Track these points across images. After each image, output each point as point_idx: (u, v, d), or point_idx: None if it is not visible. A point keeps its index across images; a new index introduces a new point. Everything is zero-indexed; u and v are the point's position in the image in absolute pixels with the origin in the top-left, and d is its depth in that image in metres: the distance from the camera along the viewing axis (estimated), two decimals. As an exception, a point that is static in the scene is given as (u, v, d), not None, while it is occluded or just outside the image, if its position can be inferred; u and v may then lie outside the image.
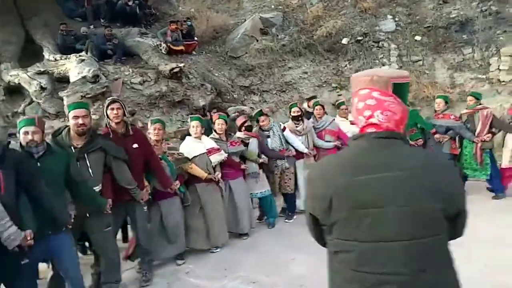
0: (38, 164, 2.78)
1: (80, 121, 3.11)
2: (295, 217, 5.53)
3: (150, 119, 4.41)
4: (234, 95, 9.62)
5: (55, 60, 8.56)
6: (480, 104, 5.81)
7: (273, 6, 12.06)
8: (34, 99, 8.14)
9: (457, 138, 5.95)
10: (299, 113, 5.55)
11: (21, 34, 9.27)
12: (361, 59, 9.94)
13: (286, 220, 5.49)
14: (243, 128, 5.19)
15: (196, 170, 4.34)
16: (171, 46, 9.09)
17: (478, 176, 5.70)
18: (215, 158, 4.50)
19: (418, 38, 9.78)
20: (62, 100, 7.43)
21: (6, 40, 8.96)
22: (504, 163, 5.64)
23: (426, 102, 8.76)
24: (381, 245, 1.06)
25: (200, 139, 4.55)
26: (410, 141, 5.74)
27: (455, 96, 8.47)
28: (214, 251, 4.51)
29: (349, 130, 5.79)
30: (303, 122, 5.54)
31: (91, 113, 7.42)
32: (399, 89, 1.21)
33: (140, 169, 3.73)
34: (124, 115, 3.62)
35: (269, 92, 10.40)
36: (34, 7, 9.44)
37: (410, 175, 1.08)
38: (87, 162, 3.19)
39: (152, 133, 4.16)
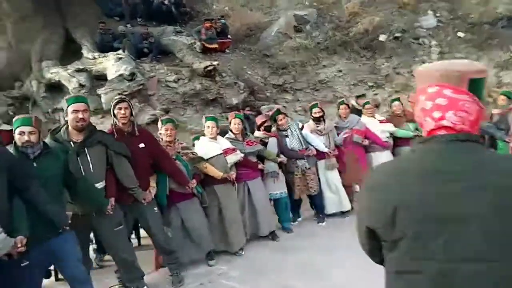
0: (35, 164, 2.67)
1: (79, 115, 2.98)
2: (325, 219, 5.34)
3: (160, 119, 4.21)
4: (267, 94, 9.52)
5: (94, 58, 8.78)
6: None
7: (307, 3, 11.88)
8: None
9: (486, 138, 5.55)
10: (321, 114, 5.36)
11: (62, 34, 9.59)
12: (399, 57, 9.58)
13: (320, 224, 5.26)
14: (262, 127, 5.05)
15: (211, 169, 4.20)
16: (205, 44, 9.12)
17: None
18: (231, 159, 4.37)
19: (461, 34, 9.31)
20: (100, 97, 7.61)
21: (48, 39, 9.30)
22: None
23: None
24: (461, 266, 0.90)
25: (216, 139, 4.40)
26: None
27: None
28: (240, 254, 4.40)
29: (378, 129, 5.56)
30: (324, 122, 5.36)
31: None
32: (475, 86, 1.05)
33: (146, 169, 3.59)
34: (131, 114, 3.50)
35: (302, 90, 10.21)
36: (75, 8, 9.73)
37: (499, 185, 0.92)
38: (88, 156, 3.06)
39: (164, 134, 3.97)
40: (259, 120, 5.19)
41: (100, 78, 8.53)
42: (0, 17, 10.36)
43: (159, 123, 4.12)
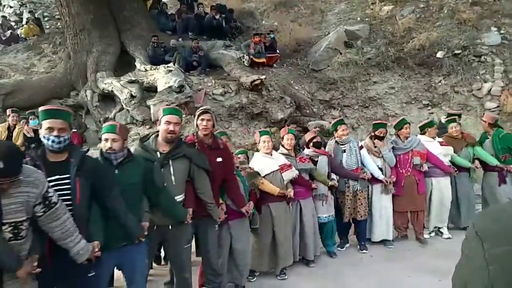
0: (116, 171, 2.72)
1: (171, 127, 3.03)
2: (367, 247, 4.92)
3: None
4: (314, 109, 9.27)
5: (145, 70, 9.03)
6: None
7: (359, 19, 11.57)
8: (124, 106, 8.62)
9: None
10: (384, 135, 4.95)
11: (117, 46, 10.00)
12: (458, 75, 8.98)
13: (362, 251, 4.85)
14: (311, 144, 4.74)
15: (268, 185, 4.03)
16: (254, 58, 9.08)
17: None
18: (287, 175, 4.17)
19: (529, 52, 8.58)
20: (149, 108, 7.75)
21: (104, 51, 9.72)
22: None
23: (538, 126, 7.57)
24: None
25: (271, 154, 4.22)
26: (499, 166, 5.07)
27: None
28: (282, 277, 4.17)
29: (439, 151, 5.07)
30: (384, 144, 4.95)
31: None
32: None
33: (218, 185, 3.50)
34: (213, 126, 3.45)
35: (350, 107, 9.86)
36: (131, 21, 10.13)
37: None
38: (171, 169, 3.06)
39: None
40: (308, 136, 4.91)
41: (150, 90, 8.74)
42: (62, 30, 11.04)
43: None
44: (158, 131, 3.14)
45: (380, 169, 4.84)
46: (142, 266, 2.89)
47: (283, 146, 4.52)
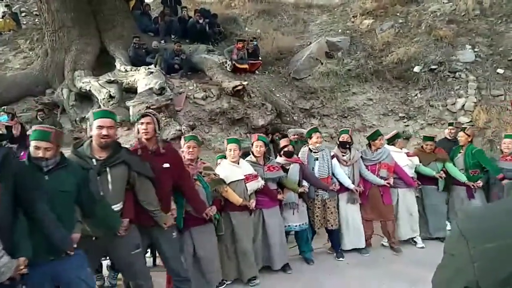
0: (46, 177, 2.44)
1: (104, 131, 2.75)
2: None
3: (183, 136, 4.00)
4: (294, 117, 9.35)
5: (126, 71, 8.89)
6: None
7: (340, 30, 11.82)
8: (102, 106, 8.44)
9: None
10: (348, 140, 4.92)
11: (97, 45, 9.81)
12: (434, 89, 9.26)
13: (339, 259, 4.82)
14: (282, 153, 4.64)
15: (231, 194, 3.91)
16: (236, 64, 9.11)
17: None
18: (252, 186, 4.07)
19: (500, 71, 8.95)
20: (128, 109, 7.61)
21: (83, 50, 9.52)
22: None
23: (508, 141, 7.86)
24: None
25: (238, 163, 4.10)
26: (467, 184, 5.17)
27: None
28: (253, 284, 4.08)
29: (406, 163, 5.08)
30: (350, 151, 4.90)
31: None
32: None
33: (168, 191, 3.31)
34: (155, 130, 3.20)
35: (329, 116, 10.01)
36: (112, 21, 9.97)
37: None
38: (108, 176, 2.82)
39: (186, 152, 3.66)
40: (281, 144, 4.82)
41: (130, 91, 8.60)
42: (40, 26, 10.76)
43: (182, 140, 3.87)
44: (91, 137, 2.88)
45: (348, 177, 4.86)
46: (80, 279, 2.54)
47: (252, 153, 4.39)
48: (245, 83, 8.22)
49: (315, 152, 4.75)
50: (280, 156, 4.67)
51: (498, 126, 8.14)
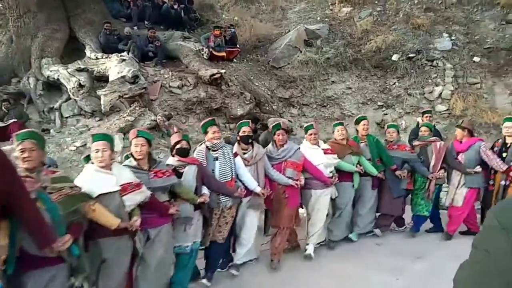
0: None
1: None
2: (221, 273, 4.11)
3: (15, 134, 2.50)
4: (273, 106, 9.18)
5: (96, 58, 8.47)
6: (432, 135, 5.23)
7: (319, 18, 11.66)
8: (71, 96, 8.03)
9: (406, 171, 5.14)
10: (250, 134, 4.10)
11: (65, 31, 9.30)
12: (412, 77, 9.28)
13: (204, 281, 3.83)
14: (175, 151, 3.64)
15: (102, 214, 2.77)
16: (213, 52, 8.82)
17: (420, 211, 5.06)
18: (132, 199, 2.99)
19: (476, 59, 9.03)
20: (99, 98, 7.25)
21: (50, 36, 8.99)
22: (449, 201, 4.99)
23: (484, 129, 7.95)
24: None
25: (110, 168, 2.97)
26: (372, 174, 4.82)
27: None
28: None
29: (322, 161, 4.44)
30: (252, 147, 4.12)
31: (128, 114, 7.27)
32: None
33: None
34: None
35: (309, 106, 9.91)
36: (81, 5, 9.45)
37: None
38: None
39: (20, 158, 2.37)
40: (172, 139, 3.78)
41: (100, 79, 8.21)
42: (3, 11, 10.10)
43: (14, 139, 2.49)
44: None
45: None
46: None
47: (132, 155, 3.31)
48: (222, 71, 7.98)
49: (213, 150, 3.86)
50: (173, 155, 3.63)
51: (475, 114, 8.22)
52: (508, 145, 4.78)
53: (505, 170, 4.64)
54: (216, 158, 3.83)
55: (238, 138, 4.14)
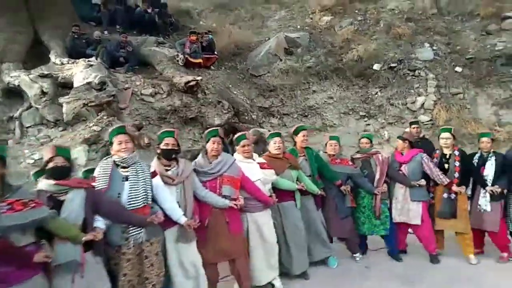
0: None
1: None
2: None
3: None
4: (253, 116, 8.74)
5: (62, 63, 7.86)
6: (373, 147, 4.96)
7: (299, 27, 11.41)
8: (33, 104, 7.38)
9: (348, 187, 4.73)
10: (174, 148, 3.32)
11: (29, 34, 8.64)
12: (394, 87, 9.06)
13: None
14: (49, 173, 2.64)
15: None
16: (189, 58, 8.36)
17: (378, 232, 4.65)
18: None
19: (458, 69, 8.91)
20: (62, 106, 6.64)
21: (12, 39, 8.32)
22: (395, 218, 4.66)
23: (468, 140, 7.75)
24: None
25: None
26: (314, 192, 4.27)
27: (504, 135, 7.46)
28: None
29: (259, 177, 3.78)
30: (177, 163, 3.34)
31: (94, 124, 6.68)
32: None
33: None
34: None
35: (289, 115, 9.54)
36: (46, 7, 8.81)
37: None
38: None
39: None
40: (46, 154, 2.71)
41: (66, 86, 7.59)
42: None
43: None
44: None
45: (177, 202, 3.21)
46: None
47: None
48: (198, 78, 7.51)
49: (123, 167, 2.96)
50: (55, 178, 2.60)
51: (458, 124, 8.02)
52: (447, 156, 4.60)
53: (448, 184, 4.45)
54: (126, 178, 2.93)
55: (158, 152, 3.31)
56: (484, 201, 4.49)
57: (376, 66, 9.42)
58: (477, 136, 4.99)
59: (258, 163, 3.89)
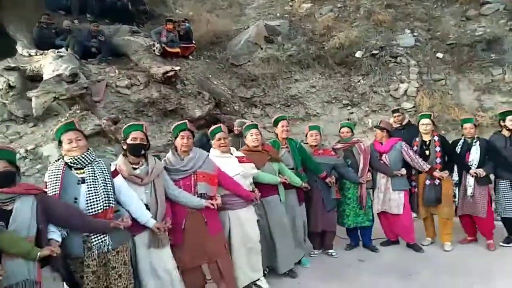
0: None
1: None
2: None
3: None
4: (235, 107, 8.49)
5: (29, 55, 7.41)
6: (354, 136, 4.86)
7: (278, 14, 11.15)
8: (-1, 99, 6.89)
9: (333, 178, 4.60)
10: (143, 143, 2.97)
11: (-8, 24, 8.07)
12: (376, 75, 8.95)
13: None
14: None
15: None
16: (166, 48, 7.98)
17: (361, 223, 4.56)
18: None
19: (440, 55, 8.86)
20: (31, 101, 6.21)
21: (-27, 30, 7.75)
22: (377, 207, 4.62)
23: (452, 126, 7.75)
24: None
25: None
26: (295, 185, 4.07)
27: (487, 121, 7.47)
28: None
29: (238, 171, 3.51)
30: (145, 159, 3.02)
31: (66, 118, 6.29)
32: None
33: None
34: None
35: (272, 105, 9.33)
36: (10, -5, 8.26)
37: None
38: None
39: None
40: None
41: (35, 79, 7.13)
42: None
43: None
44: None
45: (146, 205, 2.88)
46: None
47: None
48: (177, 68, 7.18)
49: (77, 169, 2.60)
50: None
51: (441, 111, 8.01)
52: (427, 143, 4.55)
53: (429, 170, 4.40)
54: (82, 180, 2.57)
55: (125, 148, 2.97)
56: (469, 186, 4.44)
57: (358, 54, 9.27)
58: (460, 122, 4.95)
59: (237, 157, 3.63)
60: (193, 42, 8.85)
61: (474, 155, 4.43)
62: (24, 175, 5.20)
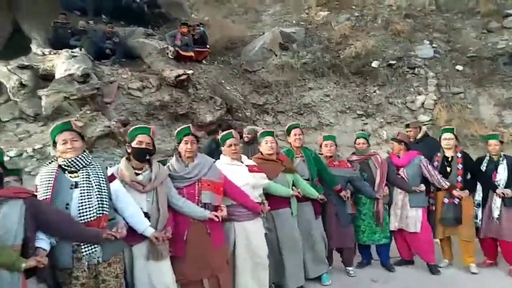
0: None
1: None
2: None
3: None
4: (246, 113, 8.34)
5: (43, 54, 7.37)
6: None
7: (294, 22, 11.06)
8: (11, 97, 6.86)
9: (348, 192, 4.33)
10: (148, 147, 2.81)
11: (8, 24, 8.12)
12: (393, 85, 8.75)
13: None
14: None
15: None
16: (180, 51, 7.90)
17: (378, 240, 4.29)
18: None
19: (459, 68, 8.64)
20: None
21: (-11, 28, 7.78)
22: (394, 225, 4.32)
23: (470, 141, 7.48)
24: None
25: None
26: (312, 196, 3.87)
27: (508, 137, 7.19)
28: None
29: (247, 181, 3.28)
30: (150, 166, 2.85)
31: (77, 119, 6.23)
32: None
33: None
34: None
35: (284, 113, 9.15)
36: (27, -6, 8.29)
37: None
38: None
39: None
40: None
41: (47, 79, 7.08)
42: None
43: None
44: None
45: (146, 213, 2.70)
46: None
47: None
48: (190, 72, 7.08)
49: (70, 172, 2.43)
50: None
51: (460, 125, 7.73)
52: (449, 159, 4.27)
53: (448, 188, 4.14)
54: (75, 184, 2.38)
55: (129, 151, 2.82)
56: (495, 207, 4.18)
57: (374, 64, 9.09)
58: (479, 137, 4.70)
59: (247, 165, 3.41)
60: (207, 46, 8.77)
61: (502, 174, 4.14)
62: (29, 174, 5.11)
